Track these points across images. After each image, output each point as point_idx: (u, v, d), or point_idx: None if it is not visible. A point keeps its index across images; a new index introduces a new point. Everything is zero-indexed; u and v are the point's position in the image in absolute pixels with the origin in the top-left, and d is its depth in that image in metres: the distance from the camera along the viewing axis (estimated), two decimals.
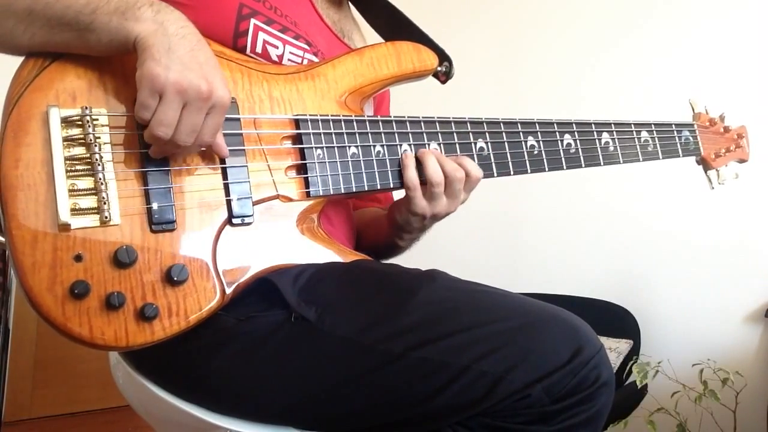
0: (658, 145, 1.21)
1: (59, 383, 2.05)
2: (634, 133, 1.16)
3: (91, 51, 0.71)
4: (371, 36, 1.10)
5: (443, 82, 1.03)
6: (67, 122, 0.70)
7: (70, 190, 0.68)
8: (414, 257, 1.01)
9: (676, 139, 1.26)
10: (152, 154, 0.72)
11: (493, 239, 2.45)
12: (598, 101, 2.21)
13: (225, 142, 0.77)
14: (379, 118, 0.91)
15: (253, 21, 0.86)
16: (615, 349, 1.91)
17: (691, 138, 1.29)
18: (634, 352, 1.94)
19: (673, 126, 1.26)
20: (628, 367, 1.80)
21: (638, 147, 1.17)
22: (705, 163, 1.34)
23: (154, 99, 0.67)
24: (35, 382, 2.03)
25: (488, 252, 2.46)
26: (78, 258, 0.68)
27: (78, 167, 0.69)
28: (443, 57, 1.00)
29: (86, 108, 0.70)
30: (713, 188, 1.36)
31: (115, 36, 0.69)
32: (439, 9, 2.43)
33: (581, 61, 2.32)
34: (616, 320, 2.05)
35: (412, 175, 0.89)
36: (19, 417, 1.99)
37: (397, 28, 1.05)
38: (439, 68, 1.00)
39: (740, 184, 1.47)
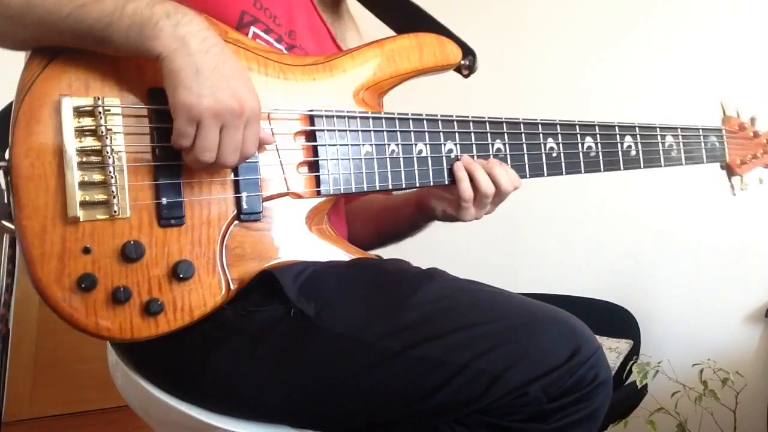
0: (682, 151, 1.16)
1: (59, 383, 2.04)
2: (659, 137, 1.12)
3: (109, 54, 0.70)
4: (373, 30, 1.07)
5: (466, 77, 1.00)
6: (79, 112, 0.69)
7: (80, 182, 0.68)
8: (414, 256, 1.00)
9: (702, 144, 1.22)
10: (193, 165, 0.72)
11: (493, 239, 2.44)
12: (600, 101, 2.18)
13: None
14: (395, 115, 0.89)
15: (252, 29, 0.85)
16: (615, 349, 1.91)
17: (717, 143, 1.25)
18: (634, 352, 1.94)
19: (701, 131, 1.21)
20: (628, 367, 1.80)
21: (661, 152, 1.13)
22: (729, 170, 1.31)
23: (192, 127, 0.67)
24: (35, 382, 2.02)
25: (488, 252, 2.45)
26: (86, 250, 0.68)
27: (89, 159, 0.69)
28: (467, 50, 0.97)
29: (98, 98, 0.69)
30: (735, 195, 1.33)
31: (134, 52, 0.68)
32: (438, 7, 2.39)
33: (584, 61, 2.28)
34: (616, 320, 2.05)
35: (468, 187, 0.90)
36: (19, 417, 1.98)
37: (412, 20, 1.01)
38: (462, 62, 0.97)
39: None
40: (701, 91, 1.35)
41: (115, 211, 0.68)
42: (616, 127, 1.07)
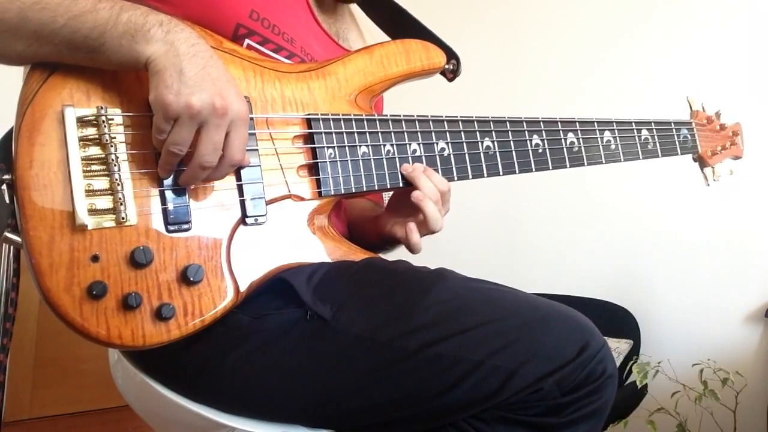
0: (657, 144, 1.22)
1: (59, 383, 2.03)
2: (635, 131, 1.17)
3: (102, 67, 0.71)
4: (374, 28, 1.10)
5: (450, 80, 1.03)
6: (82, 122, 0.69)
7: (86, 191, 0.68)
8: (415, 257, 1.01)
9: (675, 137, 1.27)
10: (183, 183, 0.72)
11: (493, 239, 2.45)
12: (599, 101, 2.21)
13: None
14: (389, 117, 0.91)
15: (247, 41, 0.86)
16: (615, 349, 1.91)
17: (689, 136, 1.31)
18: (634, 352, 1.95)
19: (672, 124, 1.27)
20: (628, 367, 1.79)
21: (638, 145, 1.18)
22: (701, 161, 1.37)
23: (168, 124, 0.68)
24: (35, 382, 2.00)
25: (488, 252, 2.46)
26: (95, 258, 0.68)
27: (94, 167, 0.69)
28: (451, 55, 1.00)
29: (102, 108, 0.70)
30: (708, 185, 1.39)
31: (125, 58, 0.68)
32: (441, 8, 2.43)
33: (582, 61, 2.32)
34: (616, 320, 2.05)
35: (430, 185, 0.89)
36: (19, 417, 1.96)
37: (402, 26, 1.05)
38: (446, 66, 1.00)
39: (740, 183, 1.48)
40: (699, 90, 1.40)
41: (122, 218, 0.69)
42: (595, 123, 1.11)
